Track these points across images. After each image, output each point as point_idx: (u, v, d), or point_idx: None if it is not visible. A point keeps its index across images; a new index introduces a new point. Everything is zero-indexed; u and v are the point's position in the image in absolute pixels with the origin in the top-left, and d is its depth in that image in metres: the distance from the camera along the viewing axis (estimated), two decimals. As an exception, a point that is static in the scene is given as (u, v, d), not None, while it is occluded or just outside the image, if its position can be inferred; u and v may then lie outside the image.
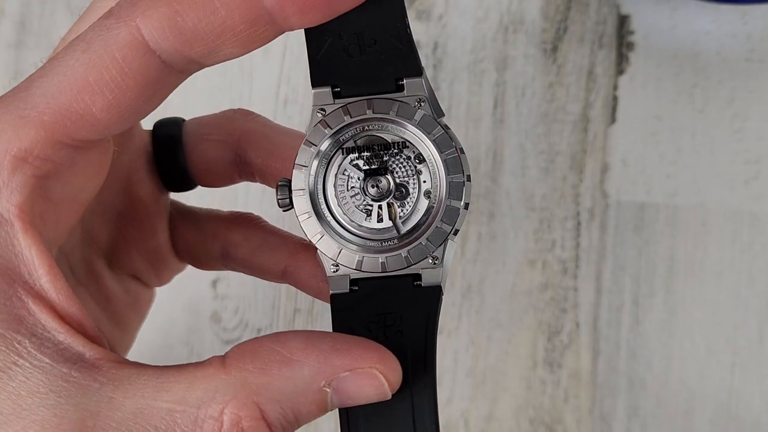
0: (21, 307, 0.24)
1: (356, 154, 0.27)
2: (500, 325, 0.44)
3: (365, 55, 0.26)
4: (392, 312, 0.27)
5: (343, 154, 0.27)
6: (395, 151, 0.27)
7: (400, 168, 0.28)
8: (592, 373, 0.43)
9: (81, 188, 0.27)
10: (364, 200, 0.28)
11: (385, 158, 0.27)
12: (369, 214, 0.28)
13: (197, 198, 0.35)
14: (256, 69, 0.46)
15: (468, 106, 0.45)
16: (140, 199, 0.32)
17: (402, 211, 0.28)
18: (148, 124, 0.31)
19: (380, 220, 0.27)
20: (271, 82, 0.46)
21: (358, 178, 0.27)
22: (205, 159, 0.32)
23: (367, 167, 0.27)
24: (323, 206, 0.28)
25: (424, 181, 0.27)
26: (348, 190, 0.28)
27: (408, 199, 0.28)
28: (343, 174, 0.28)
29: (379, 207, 0.27)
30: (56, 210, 0.26)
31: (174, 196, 0.34)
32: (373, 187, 0.27)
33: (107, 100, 0.24)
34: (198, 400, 0.24)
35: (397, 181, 0.27)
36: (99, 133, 0.25)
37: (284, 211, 0.28)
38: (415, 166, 0.27)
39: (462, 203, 0.27)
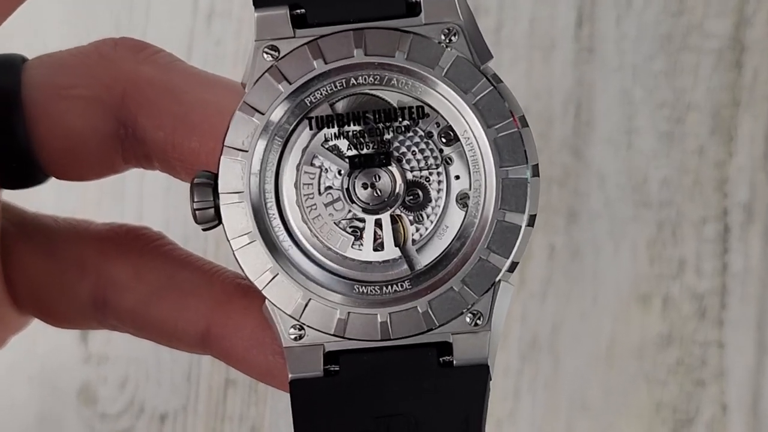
0: None
1: (335, 129, 0.28)
2: (588, 408, 0.45)
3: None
4: (401, 413, 0.27)
5: (311, 129, 0.28)
6: (405, 123, 0.28)
7: (413, 153, 0.28)
8: (750, 493, 0.44)
9: None
10: (350, 211, 0.28)
11: (386, 136, 0.28)
12: (358, 236, 0.28)
13: (53, 198, 0.35)
14: (157, -44, 0.47)
15: (532, 24, 0.45)
16: (-53, 204, 0.32)
17: (418, 230, 0.28)
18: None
19: (379, 246, 0.28)
20: (183, -20, 0.47)
21: (339, 173, 0.28)
22: (64, 131, 0.32)
23: (354, 152, 0.28)
24: (276, 222, 0.28)
25: (457, 177, 0.28)
26: (321, 194, 0.28)
27: (429, 210, 0.28)
28: (312, 165, 0.28)
29: (377, 224, 0.28)
30: None
31: (8, 196, 0.34)
32: (365, 187, 0.28)
33: None
34: None
35: (410, 177, 0.28)
36: None
37: (205, 229, 0.28)
38: (441, 150, 0.28)
39: (525, 216, 0.27)
